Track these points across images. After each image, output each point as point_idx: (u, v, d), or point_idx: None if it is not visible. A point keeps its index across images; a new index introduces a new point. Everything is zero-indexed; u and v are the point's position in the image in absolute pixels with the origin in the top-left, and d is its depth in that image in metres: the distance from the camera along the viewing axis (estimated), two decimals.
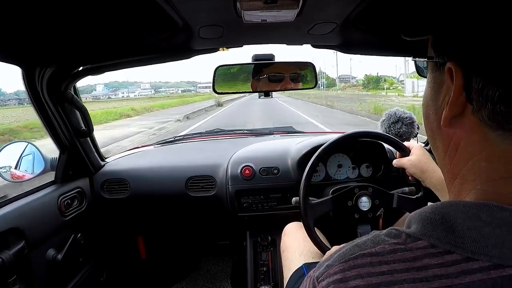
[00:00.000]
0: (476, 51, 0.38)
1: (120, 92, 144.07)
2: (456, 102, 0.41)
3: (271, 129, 2.39)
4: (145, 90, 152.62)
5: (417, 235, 0.39)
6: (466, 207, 0.38)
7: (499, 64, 0.36)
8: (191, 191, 1.75)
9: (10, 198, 1.25)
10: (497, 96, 0.36)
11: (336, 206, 1.30)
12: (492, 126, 0.38)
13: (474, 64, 0.38)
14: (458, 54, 0.40)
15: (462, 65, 0.40)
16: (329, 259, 0.44)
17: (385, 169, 1.66)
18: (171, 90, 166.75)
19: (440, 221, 0.39)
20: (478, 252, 0.35)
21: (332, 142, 1.32)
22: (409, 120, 1.72)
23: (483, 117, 0.38)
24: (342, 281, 0.39)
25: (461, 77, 0.40)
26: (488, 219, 0.36)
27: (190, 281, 2.34)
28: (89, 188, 1.69)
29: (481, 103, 0.38)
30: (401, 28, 1.03)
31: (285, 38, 1.34)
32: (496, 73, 0.37)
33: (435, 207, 0.41)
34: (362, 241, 0.43)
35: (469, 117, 0.40)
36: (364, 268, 0.39)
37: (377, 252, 0.40)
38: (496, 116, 0.37)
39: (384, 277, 0.37)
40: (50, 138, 1.46)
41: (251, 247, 1.86)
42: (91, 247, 1.68)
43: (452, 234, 0.37)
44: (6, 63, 1.15)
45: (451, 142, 0.44)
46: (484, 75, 0.38)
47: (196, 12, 0.93)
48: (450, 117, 0.42)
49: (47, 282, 1.34)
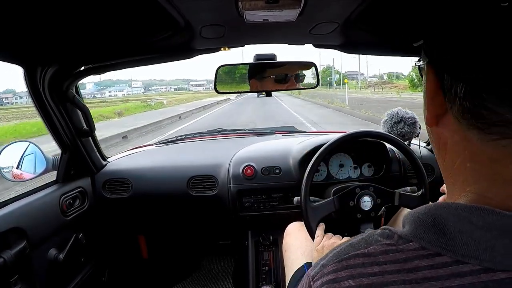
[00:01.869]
0: (444, 49, 0.39)
1: (107, 91, 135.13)
2: (433, 101, 0.42)
3: (273, 129, 2.39)
4: (135, 88, 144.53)
5: (409, 237, 0.39)
6: (457, 210, 0.38)
7: (462, 59, 0.37)
8: (192, 190, 1.75)
9: (11, 197, 1.25)
10: (463, 92, 0.37)
11: (338, 207, 1.30)
12: (467, 124, 0.38)
13: (442, 62, 0.39)
14: (430, 55, 0.42)
15: (432, 63, 0.41)
16: (324, 258, 0.44)
17: (387, 169, 1.66)
18: (163, 88, 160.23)
19: (432, 223, 0.39)
20: (468, 255, 0.36)
21: (334, 142, 1.32)
22: (412, 120, 1.71)
23: (456, 115, 0.39)
24: (335, 281, 0.40)
25: (433, 75, 0.41)
26: (479, 222, 0.36)
27: (191, 281, 2.34)
28: (90, 188, 1.69)
29: (452, 100, 0.39)
30: (401, 28, 1.03)
31: (287, 38, 1.33)
32: (460, 68, 0.37)
33: (428, 209, 0.41)
34: (356, 241, 0.43)
35: (449, 117, 0.41)
36: (356, 269, 0.40)
37: (370, 253, 0.40)
38: (465, 113, 0.38)
39: (375, 278, 0.38)
40: (52, 137, 1.46)
41: (252, 247, 1.86)
42: (92, 247, 1.68)
43: (443, 236, 0.37)
44: (8, 62, 1.15)
45: (441, 141, 0.44)
46: (451, 71, 0.38)
47: (197, 12, 0.93)
48: (431, 116, 0.43)
49: (48, 282, 1.34)
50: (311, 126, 10.89)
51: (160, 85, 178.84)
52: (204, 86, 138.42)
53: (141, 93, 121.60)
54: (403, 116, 1.72)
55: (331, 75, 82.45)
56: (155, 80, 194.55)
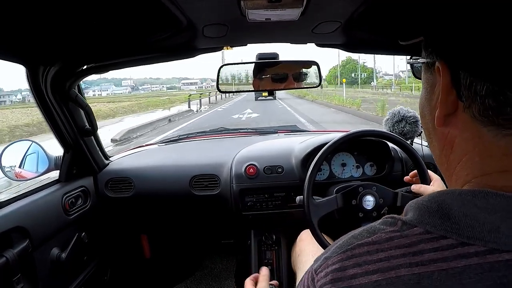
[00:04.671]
0: (462, 46, 0.39)
1: (91, 90, 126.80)
2: (446, 100, 0.41)
3: (275, 128, 2.39)
4: (123, 87, 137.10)
5: (413, 222, 0.40)
6: (461, 195, 0.39)
7: (484, 58, 0.37)
8: (195, 190, 1.76)
9: (14, 197, 1.25)
10: (485, 90, 0.37)
11: (340, 205, 1.30)
12: (483, 121, 0.38)
13: (460, 59, 0.39)
14: (444, 52, 0.41)
15: (448, 62, 0.41)
16: (327, 251, 0.44)
17: (389, 168, 1.66)
18: (154, 87, 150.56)
19: (436, 208, 0.39)
20: (473, 237, 0.36)
21: (336, 141, 1.32)
22: (413, 119, 1.71)
23: (474, 113, 0.39)
24: (340, 270, 0.40)
25: (448, 75, 0.41)
26: (483, 205, 0.37)
27: (194, 280, 2.34)
28: (93, 187, 1.70)
29: (471, 99, 0.38)
30: (400, 29, 1.02)
31: (289, 37, 1.33)
32: (482, 67, 0.37)
33: (432, 196, 0.41)
34: (358, 232, 0.44)
35: (461, 115, 0.41)
36: (362, 257, 0.40)
37: (374, 241, 0.40)
38: (486, 111, 0.37)
39: (381, 264, 0.38)
40: (54, 137, 1.47)
41: (255, 246, 1.86)
42: (95, 246, 1.69)
43: (447, 220, 0.37)
44: (10, 62, 1.15)
45: (446, 141, 0.44)
46: (470, 70, 0.38)
47: (200, 11, 0.93)
48: (443, 116, 0.42)
49: (51, 281, 1.34)
50: None
51: (155, 83, 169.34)
52: (197, 84, 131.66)
53: (127, 93, 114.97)
54: (405, 115, 1.72)
55: (356, 70, 66.55)
56: (151, 78, 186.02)
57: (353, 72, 68.91)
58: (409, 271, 0.36)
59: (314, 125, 11.10)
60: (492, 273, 0.34)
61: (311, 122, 11.89)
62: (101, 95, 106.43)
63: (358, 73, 65.13)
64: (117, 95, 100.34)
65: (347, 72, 70.23)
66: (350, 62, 71.83)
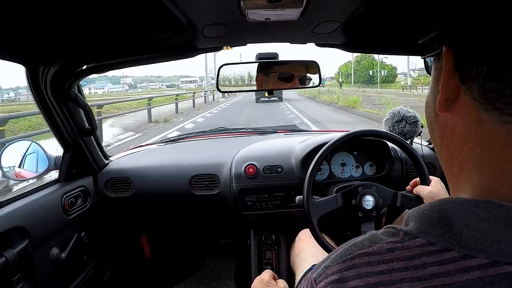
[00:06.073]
0: (465, 29, 0.40)
1: (87, 88, 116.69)
2: (448, 83, 0.42)
3: (275, 128, 2.39)
4: (120, 85, 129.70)
5: (415, 233, 0.39)
6: (463, 204, 0.38)
7: (484, 40, 0.37)
8: (195, 189, 1.75)
9: (13, 196, 1.25)
10: (485, 71, 0.37)
11: (340, 205, 1.30)
12: (484, 105, 0.38)
13: (463, 42, 0.40)
14: (449, 36, 0.42)
15: (453, 45, 0.41)
16: (327, 260, 0.44)
17: (389, 168, 1.66)
18: (153, 85, 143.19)
19: (437, 218, 0.38)
20: (476, 248, 0.35)
21: (336, 141, 1.32)
22: (413, 119, 1.71)
23: (474, 95, 0.39)
24: (340, 281, 0.39)
25: (451, 58, 0.41)
26: (485, 216, 0.36)
27: (194, 280, 2.35)
28: (93, 187, 1.69)
29: (471, 80, 0.39)
30: (406, 27, 1.02)
31: (289, 37, 1.33)
32: (482, 49, 0.38)
33: (432, 205, 0.41)
34: (359, 241, 0.43)
35: (463, 99, 0.41)
36: (362, 268, 0.39)
37: (375, 251, 0.40)
38: (486, 93, 0.38)
39: (382, 277, 0.37)
40: (54, 136, 1.46)
41: (255, 246, 1.86)
42: (95, 246, 1.69)
43: (449, 231, 0.37)
44: (10, 61, 1.15)
45: (447, 128, 0.44)
46: (472, 52, 0.39)
47: (200, 11, 0.93)
48: (444, 99, 0.42)
49: (50, 281, 1.34)
50: None
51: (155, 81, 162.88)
52: (196, 83, 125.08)
53: (125, 91, 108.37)
54: (405, 115, 1.72)
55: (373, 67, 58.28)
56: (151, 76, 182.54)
57: (369, 69, 59.89)
58: (411, 286, 0.36)
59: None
60: (494, 286, 0.34)
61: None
62: (96, 93, 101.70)
63: (377, 70, 56.23)
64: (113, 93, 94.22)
65: (362, 69, 61.36)
66: (365, 58, 60.80)
